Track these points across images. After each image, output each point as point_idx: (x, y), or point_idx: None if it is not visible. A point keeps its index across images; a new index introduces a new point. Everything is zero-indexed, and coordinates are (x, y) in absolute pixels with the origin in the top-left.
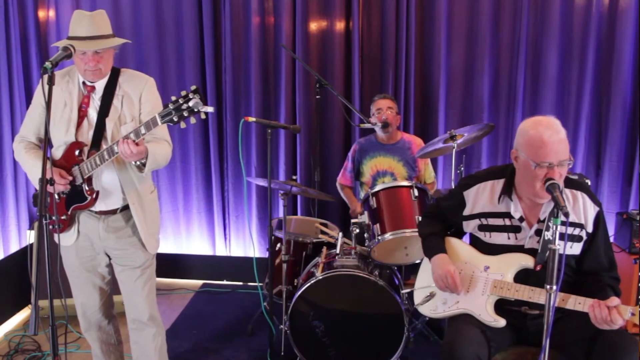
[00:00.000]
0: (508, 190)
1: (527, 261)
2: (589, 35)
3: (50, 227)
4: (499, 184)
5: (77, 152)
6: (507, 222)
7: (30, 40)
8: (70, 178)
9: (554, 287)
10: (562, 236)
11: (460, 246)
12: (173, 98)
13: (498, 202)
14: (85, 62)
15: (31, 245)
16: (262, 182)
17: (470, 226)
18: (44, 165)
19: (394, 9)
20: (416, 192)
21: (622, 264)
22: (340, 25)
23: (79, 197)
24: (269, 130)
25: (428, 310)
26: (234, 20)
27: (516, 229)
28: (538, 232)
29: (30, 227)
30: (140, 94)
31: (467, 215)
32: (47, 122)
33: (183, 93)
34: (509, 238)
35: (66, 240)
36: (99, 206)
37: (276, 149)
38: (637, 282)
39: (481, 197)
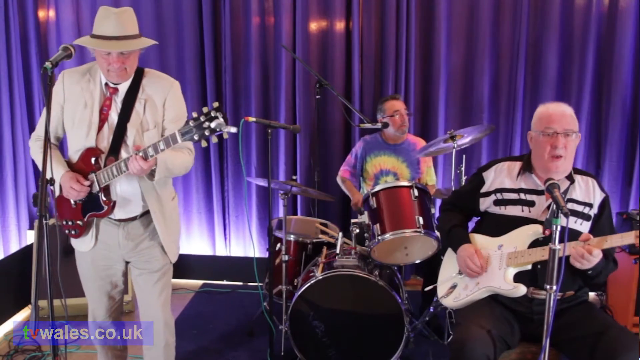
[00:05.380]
0: (527, 167)
1: (537, 229)
2: (589, 35)
3: (66, 231)
4: (516, 165)
5: (92, 160)
6: (522, 196)
7: (30, 40)
8: (88, 184)
9: (554, 287)
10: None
11: (473, 238)
12: (194, 114)
13: (517, 177)
14: (110, 62)
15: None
16: (262, 182)
17: (486, 203)
18: (44, 165)
19: (394, 9)
20: (416, 192)
21: (622, 264)
22: (340, 25)
23: (95, 205)
24: (269, 130)
25: (452, 300)
26: (234, 20)
27: (530, 203)
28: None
29: (30, 227)
30: (164, 99)
31: (484, 192)
32: (47, 122)
33: (205, 110)
34: (522, 210)
35: (83, 245)
36: (118, 214)
37: (276, 149)
38: (637, 282)
39: (499, 175)
